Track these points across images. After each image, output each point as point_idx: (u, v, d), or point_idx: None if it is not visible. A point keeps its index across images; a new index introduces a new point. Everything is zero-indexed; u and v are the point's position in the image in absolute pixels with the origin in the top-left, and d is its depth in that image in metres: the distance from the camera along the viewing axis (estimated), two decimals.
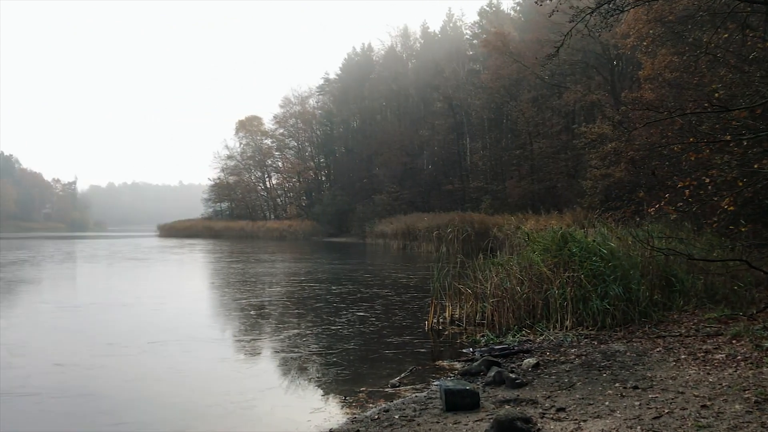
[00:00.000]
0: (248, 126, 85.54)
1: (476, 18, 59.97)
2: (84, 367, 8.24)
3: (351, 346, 9.45)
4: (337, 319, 11.87)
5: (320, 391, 7.13)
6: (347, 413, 6.16)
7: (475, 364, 7.70)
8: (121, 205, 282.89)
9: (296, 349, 9.26)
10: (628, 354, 7.53)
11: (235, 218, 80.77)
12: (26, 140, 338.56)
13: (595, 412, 5.39)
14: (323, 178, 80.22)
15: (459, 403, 5.88)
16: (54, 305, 14.48)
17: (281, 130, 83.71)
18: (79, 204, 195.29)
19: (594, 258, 9.76)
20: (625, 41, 23.70)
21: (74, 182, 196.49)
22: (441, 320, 11.06)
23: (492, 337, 9.42)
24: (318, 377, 7.77)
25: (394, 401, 6.48)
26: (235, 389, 7.13)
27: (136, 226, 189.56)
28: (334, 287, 17.49)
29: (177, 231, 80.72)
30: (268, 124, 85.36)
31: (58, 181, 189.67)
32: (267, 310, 13.49)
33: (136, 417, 6.22)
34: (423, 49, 67.83)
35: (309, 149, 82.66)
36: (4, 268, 24.96)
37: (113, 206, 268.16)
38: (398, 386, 7.14)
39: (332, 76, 79.92)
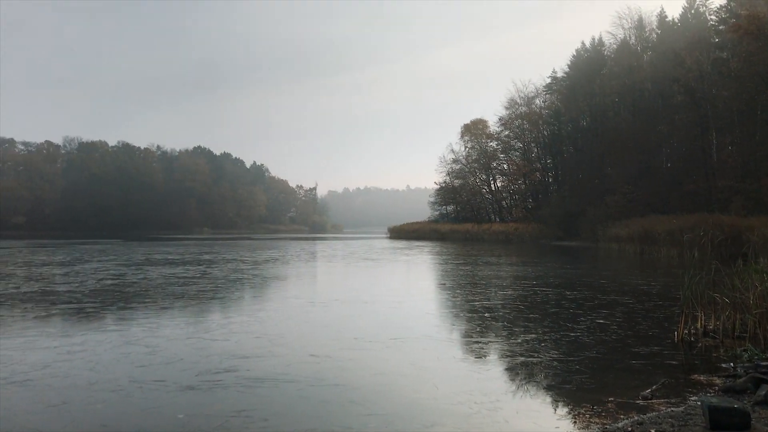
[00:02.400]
0: (473, 129, 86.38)
1: (723, 1, 54.51)
2: (335, 359, 8.85)
3: (593, 354, 9.05)
4: (575, 326, 11.46)
5: (565, 398, 6.90)
6: (597, 423, 5.89)
7: (740, 380, 6.96)
8: (354, 208, 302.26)
9: (535, 354, 9.09)
10: None
11: (461, 221, 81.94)
12: (274, 151, 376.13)
13: None
14: (550, 180, 78.32)
15: (725, 422, 5.34)
16: (304, 300, 15.79)
17: (506, 132, 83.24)
18: (319, 208, 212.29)
19: None
20: None
21: (314, 188, 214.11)
22: (692, 331, 10.17)
23: (756, 352, 8.44)
24: (561, 384, 7.52)
25: (647, 414, 6.07)
26: (477, 389, 7.17)
27: (368, 228, 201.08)
28: (567, 292, 16.94)
29: (405, 233, 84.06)
30: (493, 126, 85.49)
31: (301, 187, 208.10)
32: (500, 313, 13.44)
33: (385, 409, 6.52)
34: (660, 39, 63.20)
35: (535, 150, 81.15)
36: (260, 266, 27.84)
37: (348, 210, 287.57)
38: (650, 399, 6.68)
39: (560, 74, 77.70)
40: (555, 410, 6.45)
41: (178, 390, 7.18)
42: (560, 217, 61.50)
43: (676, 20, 63.34)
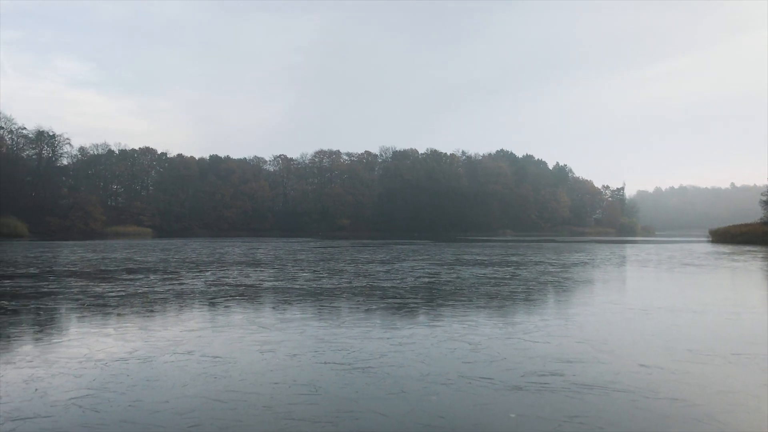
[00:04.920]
0: None
1: None
2: (669, 371, 8.09)
3: None
4: None
5: None
6: None
7: None
8: (667, 209, 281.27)
9: None
10: None
11: None
12: (578, 151, 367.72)
13: None
14: None
15: None
16: (623, 306, 14.90)
17: None
18: (627, 209, 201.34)
19: None
20: None
21: (622, 188, 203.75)
22: None
23: None
24: None
25: None
26: None
27: (684, 230, 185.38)
28: None
29: (731, 236, 75.24)
30: None
31: (607, 187, 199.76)
32: None
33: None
34: None
35: None
36: (569, 269, 27.17)
37: (660, 211, 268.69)
38: None
39: None
40: None
41: (505, 389, 7.19)
42: None
43: None
